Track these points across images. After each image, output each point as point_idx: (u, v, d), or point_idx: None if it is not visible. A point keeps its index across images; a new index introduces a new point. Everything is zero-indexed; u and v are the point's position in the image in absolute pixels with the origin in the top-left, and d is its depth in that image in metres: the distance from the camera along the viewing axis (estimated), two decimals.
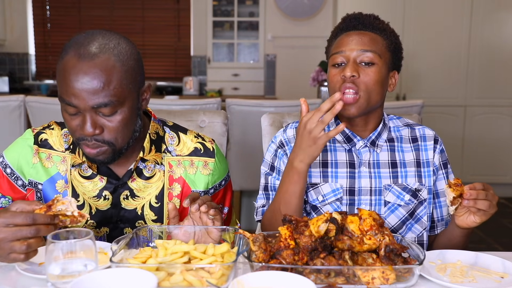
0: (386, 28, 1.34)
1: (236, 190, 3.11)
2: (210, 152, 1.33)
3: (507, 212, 4.19)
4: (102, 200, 1.24)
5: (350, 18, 1.35)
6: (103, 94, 1.08)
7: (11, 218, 0.95)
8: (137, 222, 1.27)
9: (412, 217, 1.36)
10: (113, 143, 1.15)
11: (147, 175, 1.27)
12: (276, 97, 5.19)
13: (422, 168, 1.38)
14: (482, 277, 1.02)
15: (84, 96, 1.08)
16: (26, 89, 5.42)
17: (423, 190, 1.36)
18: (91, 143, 1.13)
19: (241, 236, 1.03)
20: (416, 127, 1.44)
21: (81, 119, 1.11)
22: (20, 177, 1.26)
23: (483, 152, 4.59)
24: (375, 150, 1.37)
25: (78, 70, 1.08)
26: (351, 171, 1.36)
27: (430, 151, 1.40)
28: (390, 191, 1.35)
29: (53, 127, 1.30)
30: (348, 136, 1.37)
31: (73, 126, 1.13)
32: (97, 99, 1.08)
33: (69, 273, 0.86)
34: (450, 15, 4.55)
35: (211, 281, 0.90)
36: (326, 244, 0.98)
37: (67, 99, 1.09)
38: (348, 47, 1.30)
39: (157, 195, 1.27)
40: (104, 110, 1.10)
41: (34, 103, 2.97)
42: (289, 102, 2.99)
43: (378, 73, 1.28)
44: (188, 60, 5.67)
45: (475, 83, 4.61)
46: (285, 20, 5.33)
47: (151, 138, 1.27)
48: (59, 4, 5.58)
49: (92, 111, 1.10)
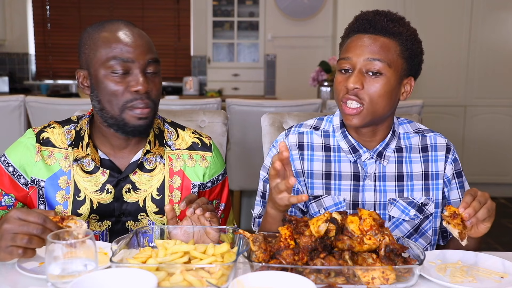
0: (402, 31, 1.22)
1: (236, 190, 3.11)
2: (208, 146, 1.37)
3: (507, 212, 4.18)
4: (104, 194, 1.26)
5: (362, 19, 1.25)
6: (153, 51, 1.22)
7: (26, 214, 0.98)
8: (139, 215, 1.28)
9: (417, 232, 1.32)
10: (156, 104, 1.23)
11: (149, 168, 1.29)
12: (276, 97, 5.19)
13: (431, 181, 1.31)
14: (482, 277, 1.02)
15: (142, 49, 1.18)
16: (26, 89, 5.42)
17: (430, 204, 1.31)
18: (144, 101, 1.19)
19: (241, 236, 1.03)
20: (428, 134, 1.35)
21: (132, 78, 1.18)
22: (22, 175, 1.27)
23: (483, 152, 4.59)
24: (381, 163, 1.30)
25: (128, 30, 1.19)
26: (355, 184, 1.30)
27: (440, 163, 1.32)
28: (395, 206, 1.30)
29: (54, 126, 1.32)
30: (354, 146, 1.30)
31: (120, 90, 1.18)
32: (151, 54, 1.20)
33: (69, 273, 0.86)
34: (450, 15, 4.54)
35: (211, 281, 0.90)
36: (326, 244, 0.98)
37: (121, 55, 1.17)
38: (355, 54, 1.21)
39: (158, 188, 1.29)
40: (153, 67, 1.20)
41: (34, 103, 2.97)
42: (289, 102, 2.98)
43: (385, 84, 1.20)
44: (188, 60, 5.67)
45: (475, 83, 4.61)
46: (285, 20, 5.32)
47: (154, 132, 1.31)
48: (59, 4, 5.58)
49: (143, 67, 1.19)
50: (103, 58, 1.18)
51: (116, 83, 1.18)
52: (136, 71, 1.18)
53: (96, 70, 1.19)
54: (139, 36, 1.20)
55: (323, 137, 1.36)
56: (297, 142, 1.36)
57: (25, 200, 1.28)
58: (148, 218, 1.28)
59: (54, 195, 1.26)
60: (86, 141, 1.26)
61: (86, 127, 1.28)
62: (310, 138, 1.36)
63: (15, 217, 0.98)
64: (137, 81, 1.17)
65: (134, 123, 1.20)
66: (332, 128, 1.36)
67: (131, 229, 1.28)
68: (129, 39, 1.18)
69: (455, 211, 1.05)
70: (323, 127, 1.37)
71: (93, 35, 1.20)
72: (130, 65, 1.17)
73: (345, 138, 1.32)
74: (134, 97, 1.18)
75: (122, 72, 1.17)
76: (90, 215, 1.26)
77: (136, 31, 1.21)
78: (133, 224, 1.28)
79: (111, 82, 1.18)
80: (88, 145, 1.26)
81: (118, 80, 1.18)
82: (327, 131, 1.36)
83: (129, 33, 1.19)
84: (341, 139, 1.32)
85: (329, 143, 1.34)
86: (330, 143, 1.34)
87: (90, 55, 1.20)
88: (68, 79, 5.60)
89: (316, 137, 1.36)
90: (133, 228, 1.28)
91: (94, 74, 1.20)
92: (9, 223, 0.98)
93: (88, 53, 1.21)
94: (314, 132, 1.37)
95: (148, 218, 1.28)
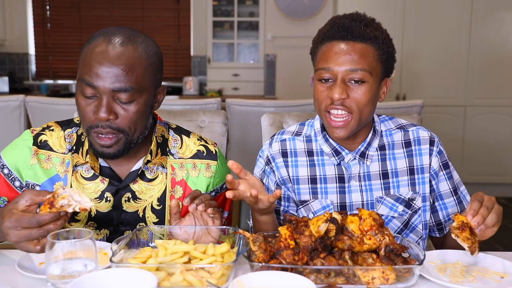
0: (378, 35, 1.21)
1: None
2: (213, 154, 1.33)
3: (507, 212, 4.18)
4: (103, 202, 1.24)
5: (338, 26, 1.22)
6: (125, 80, 1.11)
7: (17, 222, 0.96)
8: (138, 225, 1.26)
9: (407, 227, 1.32)
10: (127, 131, 1.16)
11: (150, 177, 1.26)
12: (276, 97, 5.19)
13: (416, 175, 1.31)
14: (482, 277, 1.02)
15: (107, 78, 1.10)
16: (26, 89, 5.42)
17: (417, 199, 1.31)
18: (106, 130, 1.13)
19: (241, 236, 1.03)
20: (410, 128, 1.35)
21: (97, 103, 1.12)
22: (17, 178, 1.25)
23: (483, 152, 4.59)
24: (365, 163, 1.30)
25: (105, 53, 1.11)
26: (341, 186, 1.31)
27: (425, 156, 1.32)
28: (383, 204, 1.30)
29: (53, 128, 1.29)
30: (336, 149, 1.31)
31: (87, 111, 1.14)
32: (119, 83, 1.11)
33: (69, 273, 0.86)
34: (450, 15, 4.54)
35: (211, 281, 0.90)
36: (326, 244, 0.98)
37: (88, 79, 1.11)
38: (336, 63, 1.20)
39: (159, 198, 1.27)
40: (123, 96, 1.12)
41: (34, 103, 2.97)
42: (289, 102, 2.98)
43: (369, 91, 1.20)
44: (188, 60, 5.67)
45: (475, 83, 4.61)
46: (285, 20, 5.32)
47: (157, 141, 1.28)
48: (59, 4, 5.57)
49: (111, 95, 1.12)
50: (78, 74, 1.15)
51: (84, 104, 1.14)
52: (103, 97, 1.12)
53: (76, 83, 1.17)
54: (117, 59, 1.11)
55: (306, 142, 1.36)
56: (280, 150, 1.36)
57: None
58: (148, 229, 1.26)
59: None
60: (86, 147, 1.24)
61: None
62: (293, 145, 1.36)
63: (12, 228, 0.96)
64: (98, 108, 1.12)
65: (98, 149, 1.16)
66: (313, 133, 1.37)
67: None
68: (100, 63, 1.11)
69: (463, 221, 1.03)
70: (305, 132, 1.38)
71: (86, 44, 1.17)
72: (97, 90, 1.12)
73: (327, 142, 1.33)
74: (96, 124, 1.13)
75: (89, 95, 1.13)
76: (88, 222, 1.24)
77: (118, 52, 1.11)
78: None
79: (82, 101, 1.14)
80: (88, 152, 1.23)
81: (85, 103, 1.14)
82: (309, 135, 1.37)
83: (106, 55, 1.11)
84: (323, 143, 1.33)
85: (312, 148, 1.35)
86: (313, 147, 1.35)
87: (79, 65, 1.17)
88: (68, 79, 5.60)
89: (298, 142, 1.36)
90: None
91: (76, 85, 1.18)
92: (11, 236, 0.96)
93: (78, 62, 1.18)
94: (296, 138, 1.37)
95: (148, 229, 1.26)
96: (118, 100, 1.13)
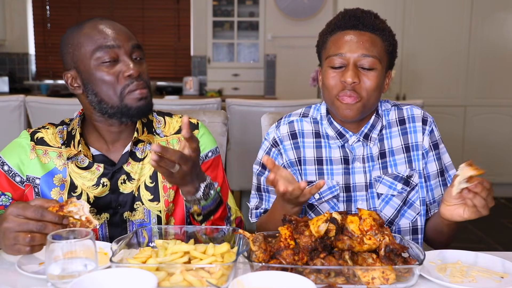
0: (385, 28, 1.28)
1: (236, 190, 3.11)
2: (195, 125, 1.38)
3: (507, 212, 4.18)
4: (100, 188, 1.28)
5: (350, 15, 1.29)
6: (135, 38, 1.26)
7: (22, 210, 0.99)
8: (135, 204, 1.29)
9: (405, 204, 1.35)
10: (149, 86, 1.26)
11: (140, 157, 1.31)
12: (276, 97, 5.19)
13: (412, 152, 1.35)
14: (482, 277, 1.02)
15: (123, 36, 1.22)
16: (26, 89, 5.42)
17: (414, 176, 1.34)
18: (140, 83, 1.22)
19: (241, 236, 1.03)
20: (404, 107, 1.39)
21: (121, 65, 1.21)
22: (18, 173, 1.28)
23: (483, 152, 4.59)
24: (368, 145, 1.34)
25: (106, 22, 1.23)
26: (346, 167, 1.34)
27: (419, 134, 1.35)
28: (381, 183, 1.33)
29: (48, 127, 1.34)
30: (340, 132, 1.35)
31: (113, 78, 1.20)
32: (133, 40, 1.24)
33: (69, 273, 0.86)
34: (450, 15, 4.54)
35: (211, 281, 0.90)
36: (326, 244, 0.98)
37: (106, 44, 1.19)
38: (347, 50, 1.24)
39: (151, 175, 1.31)
40: (138, 52, 1.24)
41: (34, 103, 2.97)
42: (289, 102, 2.99)
43: (377, 78, 1.25)
44: (188, 60, 5.67)
45: (475, 83, 4.61)
46: (285, 20, 5.32)
47: (142, 121, 1.33)
48: (59, 4, 5.58)
49: (129, 52, 1.22)
50: (89, 51, 1.20)
51: (108, 73, 1.20)
52: (124, 57, 1.21)
53: (85, 65, 1.21)
54: (118, 25, 1.24)
55: (313, 123, 1.40)
56: (289, 132, 1.39)
57: (21, 199, 1.29)
58: (144, 207, 1.29)
59: (49, 192, 1.27)
60: (77, 138, 1.28)
61: (78, 125, 1.30)
62: (301, 125, 1.40)
63: (14, 214, 0.99)
64: (127, 67, 1.20)
65: (136, 105, 1.22)
66: (320, 116, 1.40)
67: (128, 220, 1.29)
68: (109, 28, 1.22)
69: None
70: (312, 115, 1.42)
71: (74, 34, 1.23)
72: (117, 51, 1.20)
73: (331, 125, 1.36)
74: (129, 82, 1.21)
75: (110, 60, 1.20)
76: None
77: (114, 23, 1.25)
78: (130, 214, 1.29)
79: (103, 73, 1.20)
80: (80, 142, 1.27)
81: (109, 70, 1.20)
82: (316, 118, 1.41)
83: (108, 24, 1.23)
84: (327, 126, 1.37)
85: (319, 130, 1.39)
86: (319, 130, 1.39)
87: (75, 53, 1.22)
88: None
89: (306, 124, 1.40)
90: (130, 218, 1.29)
91: (83, 69, 1.21)
92: (8, 221, 0.99)
93: (72, 52, 1.22)
94: (304, 119, 1.41)
95: (144, 207, 1.29)
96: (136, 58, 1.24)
